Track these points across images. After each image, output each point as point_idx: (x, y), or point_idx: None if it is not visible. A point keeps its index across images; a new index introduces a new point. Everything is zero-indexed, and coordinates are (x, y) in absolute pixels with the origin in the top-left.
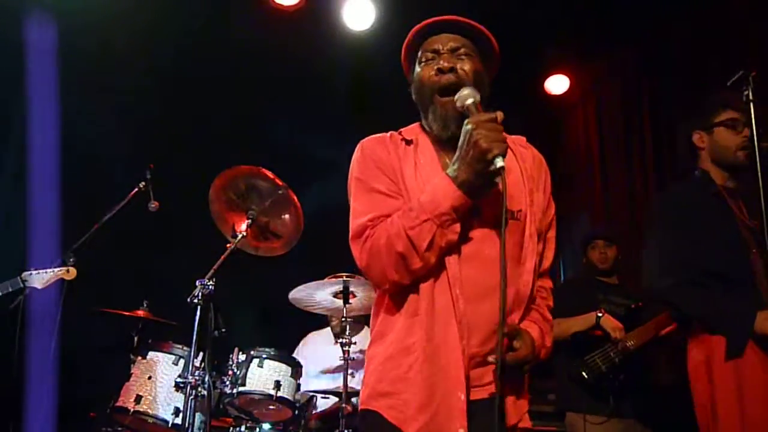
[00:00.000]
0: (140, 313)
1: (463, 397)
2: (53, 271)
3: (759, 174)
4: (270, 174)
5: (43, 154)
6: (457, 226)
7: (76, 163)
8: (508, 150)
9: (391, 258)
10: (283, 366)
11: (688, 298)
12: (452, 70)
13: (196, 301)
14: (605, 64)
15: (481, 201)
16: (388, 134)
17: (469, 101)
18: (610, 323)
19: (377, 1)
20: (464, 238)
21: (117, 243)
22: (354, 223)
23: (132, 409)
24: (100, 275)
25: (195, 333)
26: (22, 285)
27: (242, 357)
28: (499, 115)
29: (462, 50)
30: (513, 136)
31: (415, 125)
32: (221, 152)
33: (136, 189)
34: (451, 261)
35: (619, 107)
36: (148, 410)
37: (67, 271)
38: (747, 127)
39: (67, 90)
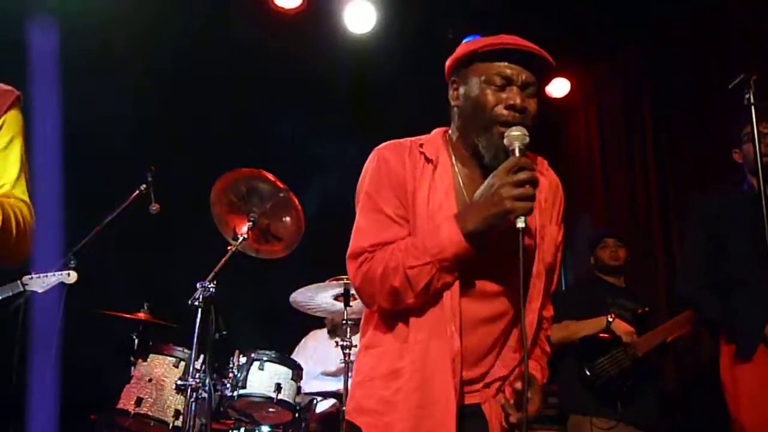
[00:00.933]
0: (141, 315)
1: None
2: (54, 275)
3: (760, 177)
4: (271, 176)
5: (44, 156)
6: (456, 272)
7: (76, 165)
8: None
9: (385, 289)
10: (284, 369)
11: (703, 302)
12: (524, 110)
13: (197, 303)
14: (606, 66)
15: (495, 241)
16: (408, 144)
17: (516, 144)
18: (622, 328)
19: (378, 3)
20: (466, 272)
21: (118, 245)
22: (354, 242)
23: (132, 412)
24: (101, 278)
25: (196, 335)
26: (22, 289)
27: (243, 359)
28: (535, 174)
29: (531, 89)
30: (536, 158)
31: (437, 135)
32: (222, 155)
33: (137, 191)
34: (449, 296)
35: (620, 110)
36: (149, 413)
37: (69, 275)
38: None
39: (67, 92)
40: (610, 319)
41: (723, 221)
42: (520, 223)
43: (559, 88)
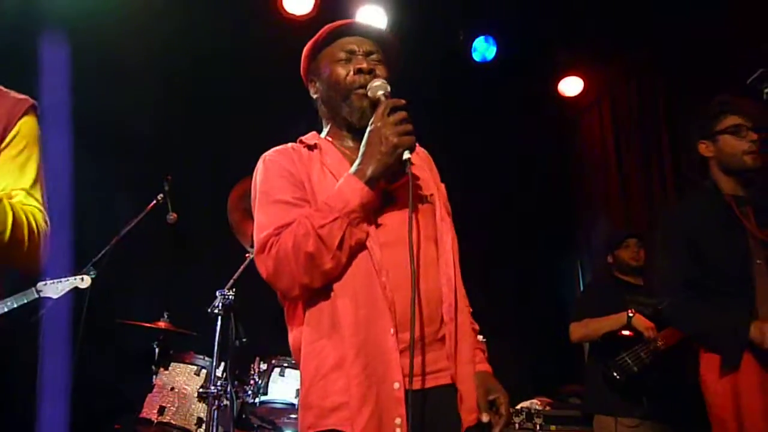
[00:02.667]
0: (161, 324)
1: (397, 385)
2: (68, 280)
3: None
4: None
5: (59, 166)
6: (365, 225)
7: (93, 176)
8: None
9: (300, 260)
10: None
11: (683, 316)
12: (371, 72)
13: (216, 311)
14: (619, 65)
15: (396, 190)
16: (290, 145)
17: (380, 93)
18: (643, 323)
19: (389, 8)
20: (382, 225)
21: (136, 255)
22: (258, 236)
23: (155, 420)
24: (121, 288)
25: (216, 343)
26: (37, 296)
27: (263, 366)
28: (402, 114)
29: (375, 56)
30: None
31: (313, 134)
32: (238, 162)
33: (155, 201)
34: (374, 249)
35: (634, 108)
36: (171, 421)
37: (82, 279)
38: (754, 130)
39: (82, 102)
40: (631, 314)
41: (697, 228)
42: (407, 155)
43: (572, 86)
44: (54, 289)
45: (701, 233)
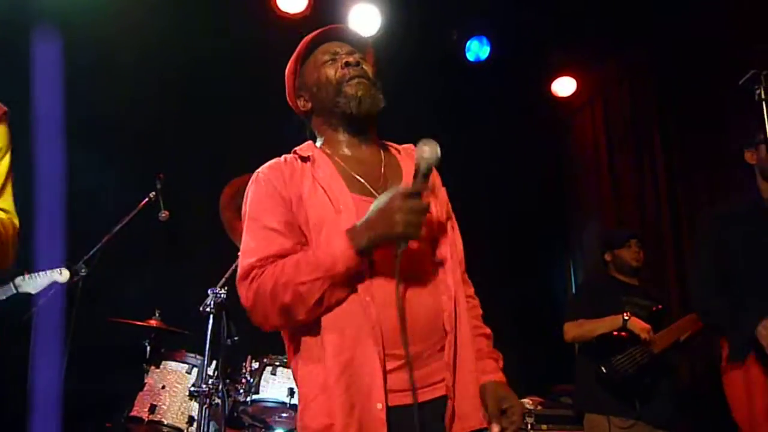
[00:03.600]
0: (153, 322)
1: (380, 406)
2: (46, 274)
3: None
4: None
5: (50, 163)
6: (347, 286)
7: (84, 174)
8: (397, 152)
9: (276, 306)
10: None
11: (711, 311)
12: (358, 64)
13: (208, 309)
14: (612, 65)
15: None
16: (283, 157)
17: (423, 165)
18: (639, 325)
19: (383, 8)
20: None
21: (128, 253)
22: (242, 263)
23: (146, 419)
24: (112, 286)
25: (208, 341)
26: (15, 291)
27: (255, 365)
28: (422, 205)
29: (357, 54)
30: (402, 146)
31: (309, 144)
32: (230, 160)
33: (146, 199)
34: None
35: (627, 109)
36: (163, 419)
37: (60, 273)
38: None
39: (74, 99)
40: (626, 317)
41: (728, 230)
42: (402, 246)
43: (565, 87)
44: (32, 284)
45: (732, 235)
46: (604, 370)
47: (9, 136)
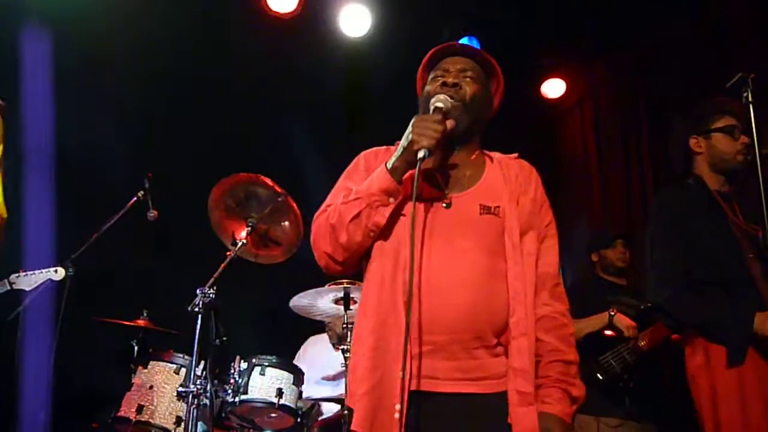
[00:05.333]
0: (140, 322)
1: (401, 374)
2: (41, 272)
3: (761, 180)
4: (269, 181)
5: (40, 162)
6: (386, 210)
7: (73, 171)
8: (490, 160)
9: (325, 229)
10: (285, 373)
11: (686, 308)
12: (455, 85)
13: (196, 309)
14: (601, 67)
15: (456, 198)
16: (387, 147)
17: (437, 104)
18: (624, 321)
19: (373, 8)
20: (434, 231)
21: (116, 252)
22: (320, 209)
23: (134, 419)
24: (100, 285)
25: (196, 342)
26: (9, 288)
27: (244, 365)
28: (450, 123)
29: (469, 73)
30: (504, 155)
31: None
32: (220, 160)
33: (135, 198)
34: (404, 246)
35: (616, 110)
36: (150, 420)
37: (56, 271)
38: (744, 133)
39: (63, 97)
40: (612, 314)
41: (690, 222)
42: (420, 153)
43: (554, 88)
44: (27, 281)
45: (693, 226)
46: (592, 369)
47: (3, 129)
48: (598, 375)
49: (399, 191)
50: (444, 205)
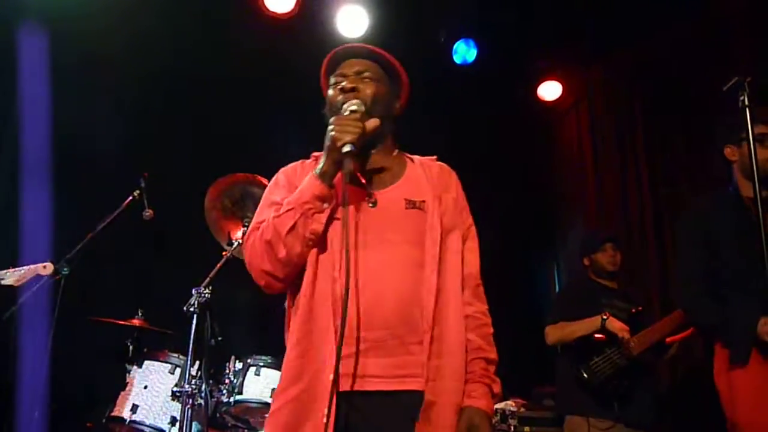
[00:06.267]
0: (135, 322)
1: (331, 377)
2: (29, 268)
3: (756, 184)
4: (265, 181)
5: (36, 160)
6: (322, 216)
7: (69, 170)
8: (410, 161)
9: (261, 247)
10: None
11: (700, 309)
12: (353, 89)
13: (192, 309)
14: (597, 69)
15: (380, 195)
16: (301, 161)
17: (352, 108)
18: (617, 325)
19: (370, 8)
20: (361, 227)
21: (111, 252)
22: (250, 228)
23: (128, 419)
24: (95, 285)
25: (191, 342)
26: None
27: (239, 365)
28: (372, 122)
29: (366, 74)
30: (424, 158)
31: None
32: (216, 160)
33: (130, 198)
34: (334, 245)
35: (612, 113)
36: (144, 420)
37: (44, 267)
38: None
39: (60, 95)
40: (605, 317)
41: (714, 225)
42: (346, 148)
43: (550, 91)
44: (14, 276)
45: (719, 230)
46: (582, 372)
47: None
48: (589, 378)
49: (332, 195)
50: (370, 204)
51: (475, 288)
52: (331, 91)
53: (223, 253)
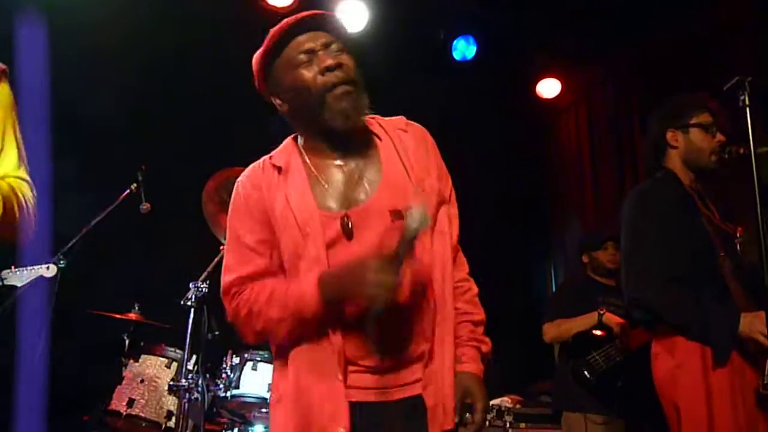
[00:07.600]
0: (132, 315)
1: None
2: (33, 269)
3: (755, 182)
4: None
5: (32, 153)
6: (315, 321)
7: (66, 164)
8: (378, 139)
9: (249, 329)
10: None
11: (668, 305)
12: (339, 66)
13: (189, 303)
14: (597, 67)
15: (360, 213)
16: (261, 162)
17: (412, 229)
18: (614, 320)
19: (370, 2)
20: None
21: (108, 245)
22: (223, 278)
23: (124, 413)
24: (92, 278)
25: (188, 336)
26: (1, 283)
27: (236, 360)
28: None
29: (334, 46)
30: (391, 119)
31: (288, 142)
32: (214, 153)
33: (128, 191)
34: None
35: (610, 111)
36: (141, 414)
37: (48, 268)
38: (720, 132)
39: (57, 88)
40: (602, 312)
41: (669, 214)
42: (374, 312)
43: (549, 88)
44: (19, 277)
45: (665, 223)
46: (580, 368)
47: (12, 97)
48: (587, 373)
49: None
50: (346, 239)
51: (455, 255)
52: (306, 72)
53: (221, 247)
